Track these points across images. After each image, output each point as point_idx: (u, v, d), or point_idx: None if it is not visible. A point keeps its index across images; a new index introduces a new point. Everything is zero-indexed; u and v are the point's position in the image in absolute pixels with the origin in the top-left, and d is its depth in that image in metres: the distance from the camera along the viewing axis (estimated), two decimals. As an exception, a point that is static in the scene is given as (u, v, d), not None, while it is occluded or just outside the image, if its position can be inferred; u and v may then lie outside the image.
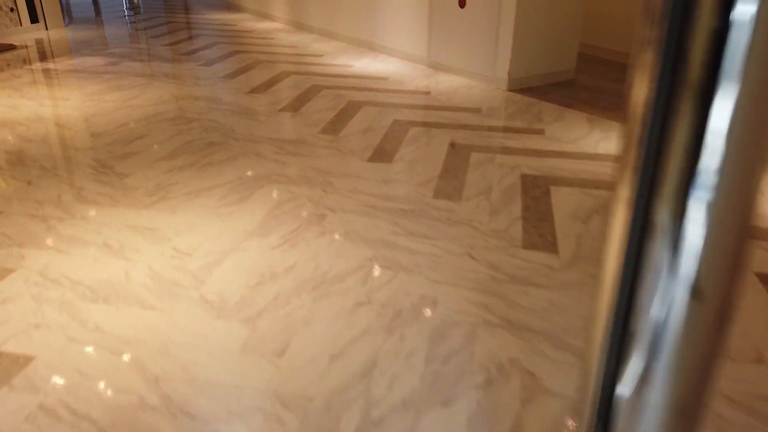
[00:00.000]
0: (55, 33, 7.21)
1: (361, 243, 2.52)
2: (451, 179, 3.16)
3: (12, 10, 6.91)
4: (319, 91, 4.84)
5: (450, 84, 5.07)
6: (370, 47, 6.40)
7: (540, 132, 3.91)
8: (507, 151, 3.56)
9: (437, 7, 5.33)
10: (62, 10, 8.42)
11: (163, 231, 2.61)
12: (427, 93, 4.80)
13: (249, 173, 3.20)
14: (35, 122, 3.96)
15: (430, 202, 2.90)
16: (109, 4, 10.39)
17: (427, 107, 4.46)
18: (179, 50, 6.36)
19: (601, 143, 3.71)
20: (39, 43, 6.65)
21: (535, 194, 2.99)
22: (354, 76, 5.30)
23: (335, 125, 4.00)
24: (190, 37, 7.11)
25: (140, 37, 7.06)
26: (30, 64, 5.57)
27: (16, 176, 3.17)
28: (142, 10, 9.83)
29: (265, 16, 8.58)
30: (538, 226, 2.67)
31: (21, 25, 7.05)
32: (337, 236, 2.57)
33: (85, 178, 3.14)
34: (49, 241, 2.52)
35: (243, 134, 3.82)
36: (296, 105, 4.48)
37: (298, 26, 7.72)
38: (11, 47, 6.25)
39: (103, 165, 3.33)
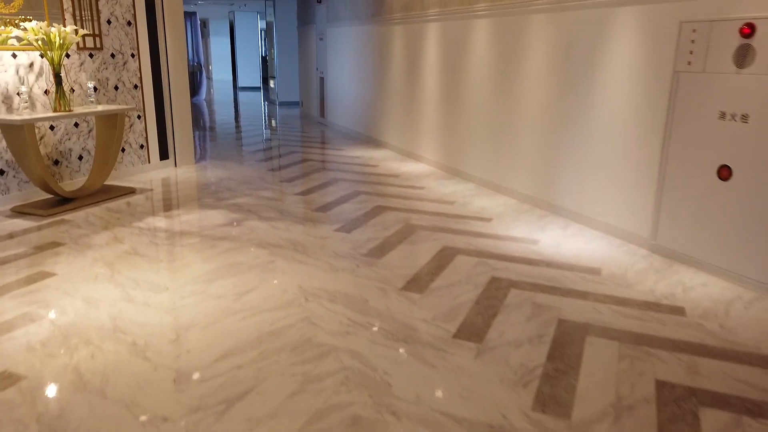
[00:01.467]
0: (184, 171, 6.51)
1: None
2: None
3: (142, 147, 6.32)
4: (504, 290, 3.30)
5: (707, 291, 3.33)
6: (554, 211, 4.89)
7: None
8: None
9: (675, 173, 3.75)
10: (195, 144, 7.96)
11: None
12: (684, 314, 3.09)
13: None
14: (106, 341, 2.74)
15: None
16: (248, 122, 10.14)
17: (709, 351, 2.74)
18: (313, 203, 5.25)
19: None
20: (163, 184, 5.90)
21: None
22: (548, 264, 3.73)
23: (557, 387, 2.40)
24: (326, 183, 6.06)
25: (271, 180, 6.14)
26: (141, 219, 4.65)
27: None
28: (278, 130, 9.32)
29: (410, 155, 7.50)
30: None
31: (149, 162, 6.43)
32: None
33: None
34: None
35: (409, 395, 2.32)
36: (479, 325, 2.93)
37: (452, 172, 6.47)
38: (130, 192, 5.49)
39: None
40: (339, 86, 9.96)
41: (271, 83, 14.76)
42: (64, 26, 5.00)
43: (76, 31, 4.96)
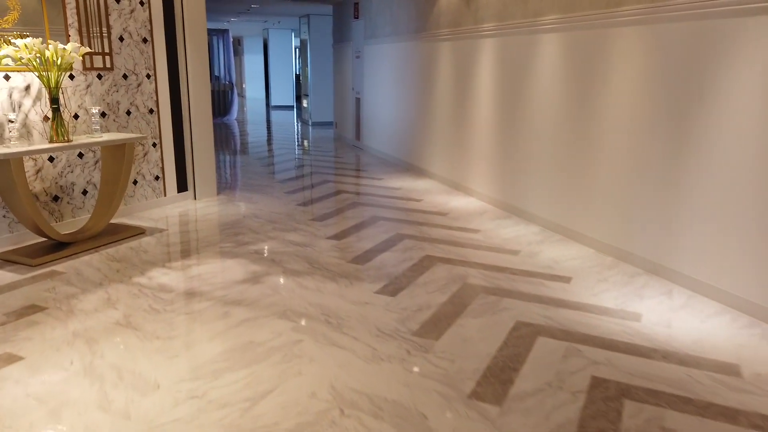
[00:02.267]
0: (204, 206, 5.77)
1: None
2: None
3: (157, 178, 5.61)
4: (615, 403, 2.35)
5: None
6: (649, 268, 3.92)
7: None
8: None
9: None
10: (222, 170, 7.24)
11: None
12: None
13: None
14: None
15: None
16: (280, 144, 9.45)
17: None
18: (348, 251, 4.41)
19: None
20: (178, 222, 5.16)
21: None
22: (664, 356, 2.76)
23: None
24: (364, 223, 5.22)
25: (301, 218, 5.34)
26: (144, 272, 3.88)
27: None
28: (310, 155, 8.56)
29: (458, 187, 6.62)
30: None
31: (165, 195, 5.71)
32: None
33: None
34: None
35: None
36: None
37: (509, 209, 5.56)
38: (139, 233, 4.76)
39: None
40: (376, 108, 9.18)
41: (304, 102, 14.13)
42: (67, 43, 4.33)
43: (78, 50, 4.28)
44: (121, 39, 5.10)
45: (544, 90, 4.96)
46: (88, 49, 4.36)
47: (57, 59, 4.07)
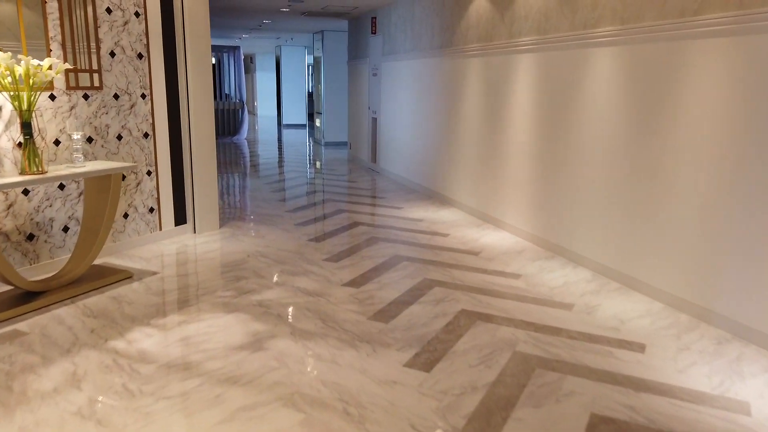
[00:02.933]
0: (204, 241, 5.12)
1: None
2: None
3: (152, 210, 4.98)
4: None
5: None
6: (743, 334, 3.19)
7: None
8: None
9: None
10: (227, 195, 6.60)
11: None
12: None
13: None
14: None
15: None
16: (291, 166, 8.79)
17: None
18: (369, 302, 3.72)
19: None
20: (172, 262, 4.51)
21: None
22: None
23: None
24: (384, 264, 4.54)
25: (312, 258, 4.67)
26: (123, 332, 3.20)
27: None
28: (323, 178, 7.93)
29: (487, 219, 5.92)
30: None
31: (161, 229, 5.07)
32: None
33: None
34: None
35: None
36: None
37: (551, 249, 4.85)
38: (125, 277, 4.11)
39: None
40: (395, 128, 8.54)
41: (317, 121, 13.56)
42: (48, 58, 3.73)
43: (56, 66, 3.67)
44: (113, 54, 4.50)
45: (596, 112, 4.28)
46: (68, 66, 3.75)
47: (30, 77, 3.47)
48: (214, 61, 14.85)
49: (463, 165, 6.44)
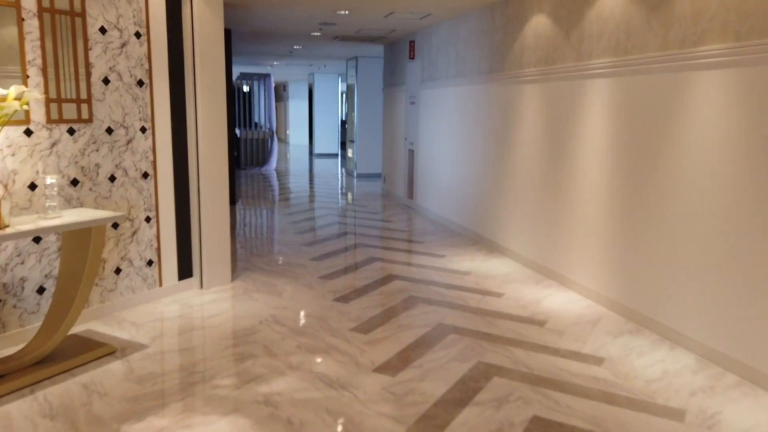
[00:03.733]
0: (212, 300, 4.32)
1: None
2: None
3: (150, 263, 4.22)
4: None
5: None
6: None
7: None
8: None
9: None
10: (245, 238, 5.80)
11: None
12: None
13: None
14: None
15: None
16: (321, 202, 8.14)
17: None
18: (408, 400, 2.80)
19: None
20: (169, 331, 3.70)
21: None
22: None
23: None
24: (426, 338, 3.65)
25: (337, 325, 3.82)
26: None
27: None
28: (355, 216, 7.12)
29: (549, 275, 4.96)
30: None
31: (160, 285, 4.30)
32: None
33: None
34: None
35: None
36: None
37: (639, 319, 3.85)
38: (107, 353, 3.32)
39: None
40: (434, 162, 7.71)
41: (349, 152, 12.86)
42: (15, 86, 3.03)
43: (22, 95, 2.97)
44: (106, 81, 3.81)
45: (700, 150, 3.35)
46: (38, 96, 3.04)
47: (-15, 109, 2.77)
48: (246, 88, 14.35)
49: (518, 207, 5.54)
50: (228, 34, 8.31)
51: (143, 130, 4.06)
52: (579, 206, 4.54)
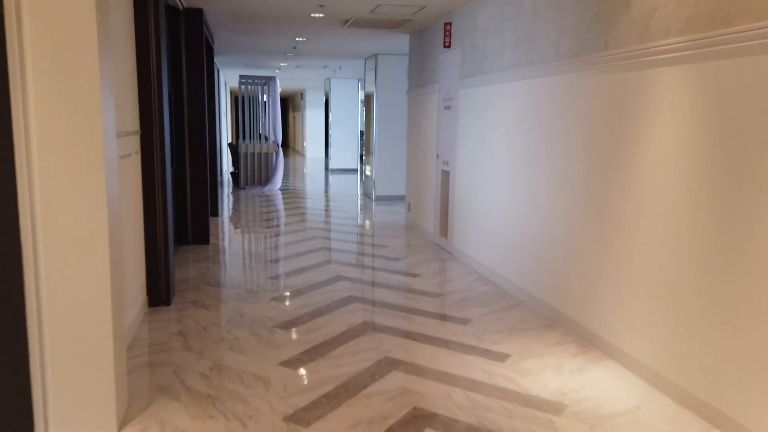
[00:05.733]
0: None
1: None
2: None
3: None
4: None
5: None
6: None
7: None
8: None
9: None
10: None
11: None
12: None
13: None
14: None
15: None
16: (339, 239, 5.94)
17: None
18: None
19: None
20: None
21: None
22: None
23: None
24: None
25: None
26: None
27: None
28: (372, 266, 4.90)
29: (716, 417, 2.61)
30: None
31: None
32: None
33: None
34: None
35: None
36: None
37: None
38: None
39: None
40: (480, 189, 5.45)
41: (367, 169, 10.70)
42: None
43: None
44: None
45: None
46: None
47: None
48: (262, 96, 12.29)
49: (641, 278, 3.25)
50: (198, 14, 6.25)
51: None
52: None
